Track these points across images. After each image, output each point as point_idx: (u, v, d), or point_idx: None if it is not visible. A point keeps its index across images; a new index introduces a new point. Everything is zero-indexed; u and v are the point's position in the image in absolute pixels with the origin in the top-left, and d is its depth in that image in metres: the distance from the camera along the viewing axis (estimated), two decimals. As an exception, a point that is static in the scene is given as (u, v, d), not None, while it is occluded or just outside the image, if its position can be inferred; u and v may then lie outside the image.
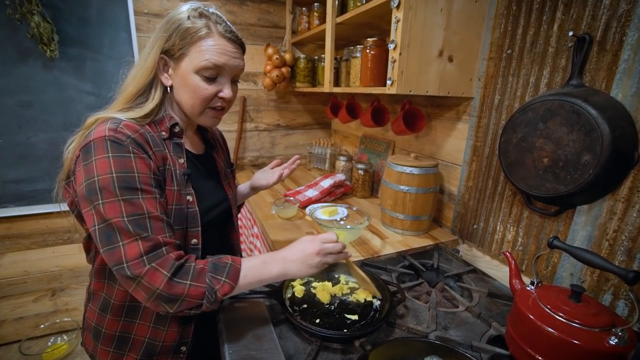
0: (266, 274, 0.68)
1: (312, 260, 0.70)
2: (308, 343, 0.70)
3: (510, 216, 1.03)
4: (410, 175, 1.15)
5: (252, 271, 0.67)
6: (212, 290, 0.62)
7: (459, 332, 0.76)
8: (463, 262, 1.07)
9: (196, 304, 0.62)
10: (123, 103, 0.73)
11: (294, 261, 0.70)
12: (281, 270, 0.69)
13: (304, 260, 0.70)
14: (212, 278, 0.63)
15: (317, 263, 0.70)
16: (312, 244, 0.72)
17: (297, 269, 0.70)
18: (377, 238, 1.19)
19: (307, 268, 0.70)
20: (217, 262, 0.66)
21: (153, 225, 0.62)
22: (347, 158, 1.77)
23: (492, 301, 0.88)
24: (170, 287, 0.60)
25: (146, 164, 0.65)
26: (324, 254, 0.71)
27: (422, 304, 0.86)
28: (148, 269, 0.59)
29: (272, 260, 0.69)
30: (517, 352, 0.66)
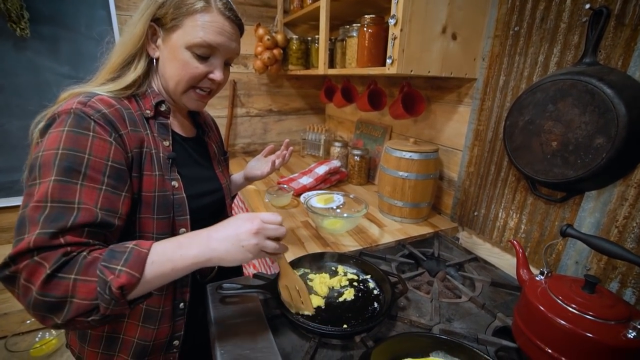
0: (181, 257, 0.52)
1: (248, 240, 0.54)
2: (306, 340, 0.65)
3: (514, 203, 0.99)
4: (409, 161, 1.10)
5: (162, 256, 0.51)
6: (105, 285, 0.47)
7: (464, 324, 0.72)
8: (464, 250, 1.04)
9: (89, 306, 0.47)
10: (106, 75, 0.66)
11: (222, 240, 0.54)
12: (203, 251, 0.53)
13: (236, 240, 0.53)
14: (104, 267, 0.48)
15: (252, 246, 0.54)
16: (250, 221, 0.55)
17: (224, 249, 0.53)
18: (375, 226, 1.14)
19: (239, 251, 0.53)
20: (115, 247, 0.51)
21: (77, 219, 0.50)
22: (342, 144, 1.71)
23: (495, 291, 0.85)
24: (50, 286, 0.46)
25: (105, 149, 0.57)
26: (264, 236, 0.55)
27: (423, 294, 0.82)
28: (27, 263, 0.47)
29: (191, 241, 0.54)
30: (525, 344, 0.63)
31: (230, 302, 0.73)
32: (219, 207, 0.86)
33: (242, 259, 0.55)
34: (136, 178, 0.63)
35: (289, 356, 0.61)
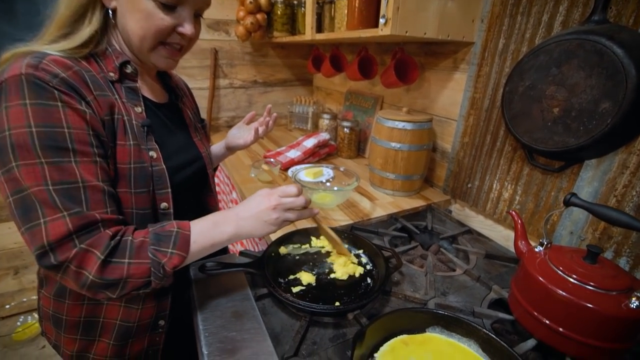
0: (219, 235, 0.58)
1: (269, 216, 0.60)
2: (296, 319, 0.62)
3: (509, 173, 0.96)
4: (402, 131, 1.05)
5: (202, 235, 0.57)
6: (159, 265, 0.52)
7: (459, 298, 0.70)
8: (457, 222, 1.01)
9: (142, 282, 0.52)
10: (54, 31, 0.57)
11: (247, 218, 0.60)
12: (235, 229, 0.59)
13: (259, 216, 0.60)
14: (156, 251, 0.53)
15: (274, 220, 0.60)
16: (267, 198, 0.61)
17: (251, 226, 0.60)
18: (366, 200, 1.10)
19: (264, 225, 0.60)
20: (160, 231, 0.55)
21: (90, 197, 0.50)
22: (331, 116, 1.64)
23: (490, 263, 0.83)
24: (107, 271, 0.49)
25: (81, 116, 0.51)
26: (283, 209, 0.61)
27: (417, 268, 0.79)
28: (77, 252, 0.48)
29: (225, 220, 0.59)
30: (522, 316, 0.61)
31: (214, 281, 0.69)
32: (201, 178, 0.80)
33: (269, 231, 0.62)
34: (110, 148, 0.56)
35: (279, 336, 0.58)
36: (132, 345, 0.69)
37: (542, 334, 0.58)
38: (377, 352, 0.53)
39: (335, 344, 0.57)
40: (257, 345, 0.54)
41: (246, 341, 0.55)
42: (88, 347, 0.66)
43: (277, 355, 0.53)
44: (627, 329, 0.52)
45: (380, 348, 0.54)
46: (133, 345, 0.69)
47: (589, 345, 0.54)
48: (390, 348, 0.54)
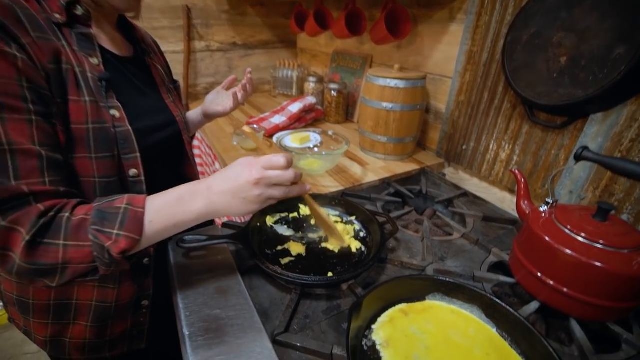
0: (183, 214, 0.47)
1: (249, 192, 0.47)
2: (286, 292, 0.57)
3: (507, 133, 0.91)
4: (394, 90, 0.97)
5: (162, 213, 0.46)
6: (103, 250, 0.43)
7: (457, 262, 0.67)
8: (453, 185, 0.97)
9: (86, 269, 0.44)
10: None
11: (222, 193, 0.47)
12: (205, 206, 0.47)
13: (237, 192, 0.47)
14: (98, 232, 0.43)
15: (255, 197, 0.48)
16: (248, 169, 0.48)
17: (226, 204, 0.48)
18: (357, 165, 1.04)
19: (243, 204, 0.48)
20: (105, 207, 0.44)
21: (19, 164, 0.42)
22: (317, 79, 1.54)
23: (487, 225, 0.80)
24: (37, 254, 0.41)
25: (9, 62, 0.41)
26: (266, 184, 0.48)
27: (413, 234, 0.75)
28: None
29: (193, 194, 0.48)
30: (525, 278, 0.58)
31: (195, 256, 0.63)
32: (176, 144, 0.72)
33: (249, 210, 0.49)
34: (60, 105, 0.47)
35: (268, 312, 0.53)
36: (113, 327, 0.64)
37: (545, 295, 0.55)
38: (375, 324, 0.50)
39: (330, 317, 0.53)
40: (244, 323, 0.49)
41: (232, 319, 0.50)
42: (63, 332, 0.60)
43: (266, 332, 0.48)
44: (637, 288, 0.49)
45: (378, 319, 0.50)
46: (114, 326, 0.64)
47: (594, 305, 0.51)
48: (389, 318, 0.50)
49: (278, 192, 0.50)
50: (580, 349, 0.50)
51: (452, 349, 0.46)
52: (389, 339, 0.47)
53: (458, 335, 0.48)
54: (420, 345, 0.47)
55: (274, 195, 0.49)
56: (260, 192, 0.48)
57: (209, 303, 0.53)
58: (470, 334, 0.49)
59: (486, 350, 0.46)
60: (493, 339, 0.48)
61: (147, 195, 0.48)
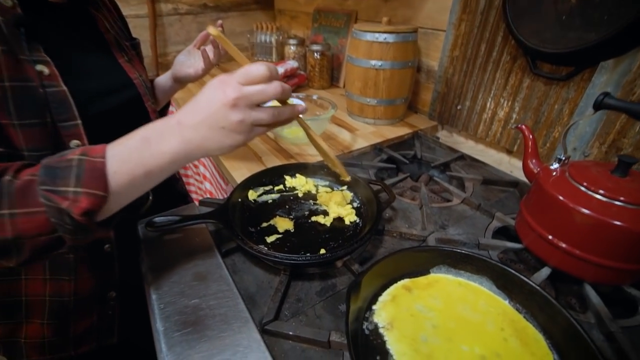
0: (154, 158, 0.38)
1: (227, 119, 0.37)
2: (274, 273, 0.51)
3: (506, 88, 0.84)
4: (383, 46, 0.88)
5: (127, 161, 0.38)
6: (60, 213, 0.35)
7: (460, 230, 0.62)
8: (448, 149, 0.91)
9: (47, 240, 0.37)
10: None
11: (196, 126, 0.38)
12: (179, 145, 0.38)
13: (212, 121, 0.38)
14: (50, 193, 0.35)
15: (236, 124, 0.38)
16: (221, 88, 0.38)
17: (204, 138, 0.38)
18: (346, 131, 0.97)
19: (223, 135, 0.38)
20: (55, 163, 0.36)
21: None
22: (298, 41, 1.41)
23: (488, 189, 0.75)
24: None
25: None
26: (247, 105, 0.38)
27: (410, 201, 0.69)
28: None
29: (161, 133, 0.39)
30: (535, 243, 0.54)
31: (169, 240, 0.56)
32: (137, 113, 0.62)
33: (233, 143, 0.39)
34: None
35: (254, 298, 0.47)
36: (75, 323, 0.57)
37: (557, 260, 0.51)
38: (376, 304, 0.44)
39: (325, 299, 0.47)
40: (228, 312, 0.43)
41: (213, 308, 0.44)
42: (15, 332, 0.53)
43: (253, 321, 0.42)
44: (661, 248, 0.45)
45: (379, 298, 0.45)
46: (77, 322, 0.57)
47: (611, 267, 0.47)
48: (391, 297, 0.45)
49: (265, 115, 0.39)
50: (597, 315, 0.46)
51: (462, 326, 0.41)
52: (393, 319, 0.42)
53: (468, 310, 0.43)
54: (428, 324, 0.41)
55: (260, 118, 0.39)
56: (241, 117, 0.37)
57: (186, 292, 0.46)
58: (481, 308, 0.44)
59: (500, 325, 0.42)
60: (506, 311, 0.43)
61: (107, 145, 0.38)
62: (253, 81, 0.38)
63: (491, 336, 0.40)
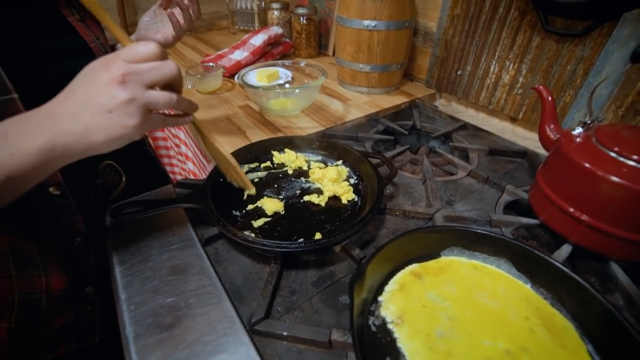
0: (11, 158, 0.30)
1: (114, 99, 0.31)
2: (263, 262, 0.44)
3: (512, 49, 0.76)
4: (377, 3, 0.78)
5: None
6: None
7: (468, 205, 0.56)
8: (449, 118, 0.84)
9: None
10: None
11: (74, 115, 0.31)
12: (48, 140, 0.31)
13: (95, 105, 0.31)
14: None
15: (125, 104, 0.32)
16: (104, 68, 0.32)
17: (85, 128, 0.32)
18: (337, 102, 0.88)
19: (110, 120, 0.32)
20: None
21: None
22: (281, 6, 1.29)
23: (494, 160, 0.69)
24: None
25: None
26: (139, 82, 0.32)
27: (411, 176, 0.63)
28: None
29: (22, 127, 0.31)
30: (554, 217, 0.48)
31: (142, 228, 0.48)
32: None
33: (124, 131, 0.33)
34: None
35: (241, 292, 0.40)
36: (50, 323, 0.50)
37: (579, 235, 0.46)
38: (382, 294, 0.38)
39: (322, 290, 0.41)
40: (210, 311, 0.37)
41: (193, 307, 0.37)
42: None
43: (241, 320, 0.36)
44: (702, 219, 0.40)
45: (385, 287, 0.39)
46: (52, 322, 0.50)
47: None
48: (399, 285, 0.39)
49: (160, 97, 0.34)
50: (626, 296, 0.41)
51: (482, 317, 0.36)
52: (403, 312, 0.36)
53: (486, 297, 0.38)
54: (443, 316, 0.36)
55: (154, 100, 0.33)
56: (131, 95, 0.32)
57: (161, 289, 0.39)
58: (501, 294, 0.39)
59: (524, 313, 0.37)
60: (529, 297, 0.38)
61: None
62: (142, 59, 0.33)
63: (515, 327, 0.35)
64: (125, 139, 0.34)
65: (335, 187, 0.54)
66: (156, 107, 0.34)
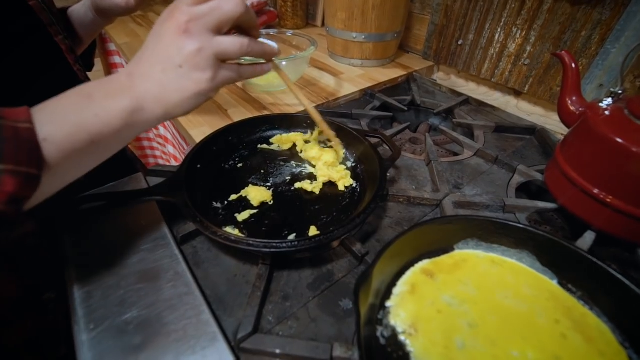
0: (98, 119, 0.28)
1: (181, 50, 0.29)
2: (250, 263, 0.38)
3: (521, 14, 0.69)
4: (373, -39, 0.69)
5: (63, 124, 0.27)
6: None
7: (478, 189, 0.50)
8: (450, 92, 0.77)
9: None
10: None
11: (149, 73, 0.30)
12: (131, 102, 0.29)
13: (164, 58, 0.30)
14: None
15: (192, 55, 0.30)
16: (170, 16, 0.30)
17: (160, 86, 0.30)
18: (328, 75, 0.80)
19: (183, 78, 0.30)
20: None
21: None
22: (263, -30, 1.17)
23: (501, 137, 0.63)
24: None
25: None
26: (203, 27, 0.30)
27: (413, 156, 0.57)
28: None
29: (106, 89, 0.29)
30: (575, 200, 0.43)
31: (106, 225, 0.41)
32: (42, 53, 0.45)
33: (198, 88, 0.31)
34: None
35: (225, 300, 0.34)
36: (3, 338, 0.44)
37: (604, 220, 0.41)
38: (391, 298, 0.33)
39: (320, 293, 0.35)
40: (188, 326, 0.31)
41: (167, 322, 0.31)
42: None
43: (225, 336, 0.30)
44: None
45: (394, 290, 0.34)
46: (5, 337, 0.44)
47: (676, 228, 0.38)
48: (410, 286, 0.34)
49: (229, 43, 0.31)
50: (659, 288, 0.37)
51: (506, 321, 0.31)
52: (416, 320, 0.31)
53: (510, 297, 0.33)
54: (462, 322, 0.31)
55: (224, 48, 0.31)
56: (198, 45, 0.30)
57: (128, 300, 0.33)
58: (526, 293, 0.34)
59: (553, 315, 0.32)
60: (557, 296, 0.33)
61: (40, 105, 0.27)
62: None
63: (545, 333, 0.30)
64: (200, 97, 0.32)
65: (331, 171, 0.47)
66: (227, 57, 0.32)
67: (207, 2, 0.30)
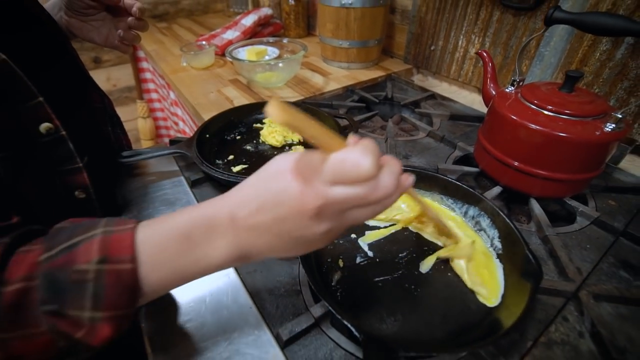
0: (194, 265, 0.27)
1: (305, 230, 0.25)
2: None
3: (477, 23, 0.83)
4: (353, -18, 0.85)
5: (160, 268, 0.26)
6: (71, 341, 0.25)
7: (422, 159, 0.64)
8: (420, 89, 0.91)
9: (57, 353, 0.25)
10: None
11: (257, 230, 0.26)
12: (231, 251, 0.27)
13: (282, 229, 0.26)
14: (57, 318, 0.24)
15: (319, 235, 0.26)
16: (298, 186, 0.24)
17: (268, 246, 0.27)
18: (318, 75, 0.96)
19: (297, 246, 0.27)
20: (59, 267, 0.25)
21: None
22: (272, -12, 1.35)
23: (454, 124, 0.77)
24: None
25: None
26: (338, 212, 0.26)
27: (375, 135, 0.71)
28: None
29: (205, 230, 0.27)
30: (489, 165, 0.56)
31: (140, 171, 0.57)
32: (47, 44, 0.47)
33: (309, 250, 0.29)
34: None
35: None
36: None
37: (508, 178, 0.54)
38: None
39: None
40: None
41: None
42: None
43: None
44: (598, 155, 0.49)
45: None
46: None
47: (555, 179, 0.50)
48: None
49: (364, 214, 0.27)
50: (537, 224, 0.49)
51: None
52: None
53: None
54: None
55: (357, 219, 0.27)
56: (327, 227, 0.26)
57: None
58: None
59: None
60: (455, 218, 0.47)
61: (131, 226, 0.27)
62: (349, 179, 0.24)
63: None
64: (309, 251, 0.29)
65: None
66: (358, 223, 0.28)
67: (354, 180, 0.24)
